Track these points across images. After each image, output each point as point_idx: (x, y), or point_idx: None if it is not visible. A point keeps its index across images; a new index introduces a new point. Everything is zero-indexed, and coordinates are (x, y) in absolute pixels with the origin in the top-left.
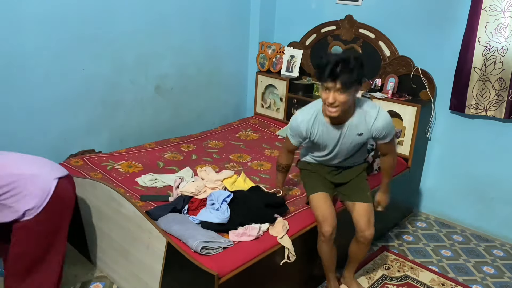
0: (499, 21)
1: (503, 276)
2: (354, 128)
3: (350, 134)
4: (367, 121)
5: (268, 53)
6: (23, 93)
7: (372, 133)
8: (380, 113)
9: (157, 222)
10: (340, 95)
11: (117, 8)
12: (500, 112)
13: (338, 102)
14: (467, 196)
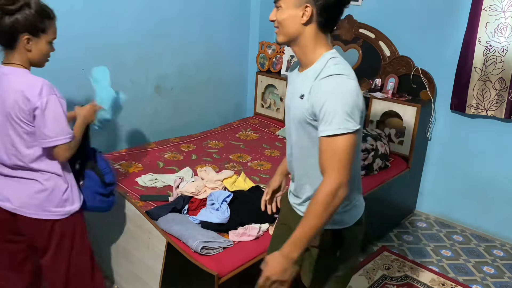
0: (500, 21)
1: (503, 276)
2: (302, 82)
3: (295, 92)
4: (315, 76)
5: (268, 53)
6: None
7: (310, 100)
8: (334, 73)
9: (157, 222)
10: (277, 12)
11: (117, 8)
12: (500, 112)
13: (277, 23)
14: (467, 196)
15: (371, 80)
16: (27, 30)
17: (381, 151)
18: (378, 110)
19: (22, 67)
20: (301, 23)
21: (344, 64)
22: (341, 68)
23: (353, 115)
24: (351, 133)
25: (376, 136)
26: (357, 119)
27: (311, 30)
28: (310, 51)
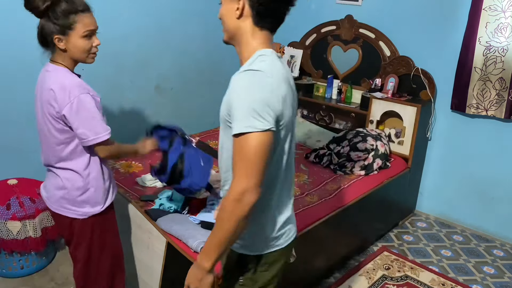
0: (500, 21)
1: (503, 276)
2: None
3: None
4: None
5: None
6: (23, 92)
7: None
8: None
9: (157, 222)
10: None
11: (117, 8)
12: (500, 112)
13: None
14: (468, 196)
15: (371, 80)
16: (54, 31)
17: (381, 151)
18: (378, 110)
19: (62, 65)
20: (236, 17)
21: (271, 63)
22: (263, 65)
23: (263, 113)
24: (259, 132)
25: (376, 136)
26: (268, 118)
27: (246, 25)
28: (245, 49)
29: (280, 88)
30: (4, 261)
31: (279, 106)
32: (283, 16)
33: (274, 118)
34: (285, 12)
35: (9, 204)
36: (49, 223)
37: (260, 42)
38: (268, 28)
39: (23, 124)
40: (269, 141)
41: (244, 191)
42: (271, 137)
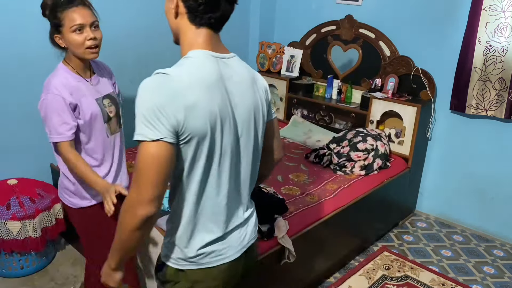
0: (500, 21)
1: (503, 276)
2: None
3: None
4: None
5: (268, 53)
6: (23, 92)
7: None
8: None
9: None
10: None
11: (117, 8)
12: (500, 112)
13: None
14: (468, 196)
15: (371, 80)
16: (52, 30)
17: (381, 151)
18: (378, 110)
19: (66, 64)
20: (174, 16)
21: (190, 66)
22: (176, 68)
23: (154, 121)
24: (150, 142)
25: (376, 136)
26: (160, 127)
27: (183, 24)
28: (183, 49)
29: (188, 95)
30: (4, 261)
31: (180, 115)
32: (221, 10)
33: (169, 127)
34: (219, 5)
35: (9, 204)
36: (49, 223)
37: (197, 42)
38: (207, 25)
39: (23, 124)
40: (163, 153)
41: (134, 204)
42: (166, 148)
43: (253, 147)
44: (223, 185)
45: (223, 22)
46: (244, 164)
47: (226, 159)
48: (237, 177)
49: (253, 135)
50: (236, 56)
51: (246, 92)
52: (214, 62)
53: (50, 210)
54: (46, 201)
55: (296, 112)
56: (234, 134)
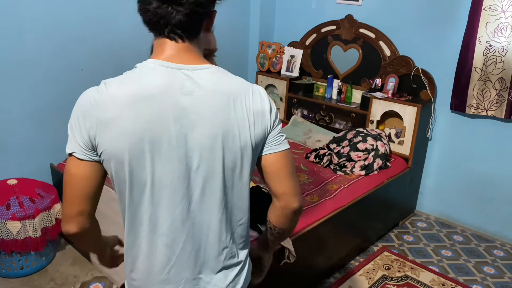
0: (500, 21)
1: (503, 276)
2: None
3: None
4: None
5: (268, 53)
6: (23, 92)
7: None
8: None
9: None
10: None
11: (117, 8)
12: (500, 112)
13: None
14: (468, 196)
15: (371, 80)
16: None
17: (381, 151)
18: (378, 110)
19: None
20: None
21: (124, 77)
22: (110, 79)
23: (70, 134)
24: (68, 155)
25: (376, 136)
26: (72, 141)
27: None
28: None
29: (105, 109)
30: (3, 261)
31: (92, 131)
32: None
33: (80, 142)
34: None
35: (9, 204)
36: (49, 223)
37: (156, 52)
38: (157, 33)
39: (23, 124)
40: (74, 169)
41: (62, 218)
42: (77, 164)
43: (222, 185)
44: (162, 222)
45: (172, 27)
46: (204, 206)
47: (162, 192)
48: (189, 218)
49: (221, 168)
50: (212, 68)
51: (212, 111)
52: (165, 73)
53: (50, 210)
54: (46, 201)
55: (296, 112)
56: (181, 162)
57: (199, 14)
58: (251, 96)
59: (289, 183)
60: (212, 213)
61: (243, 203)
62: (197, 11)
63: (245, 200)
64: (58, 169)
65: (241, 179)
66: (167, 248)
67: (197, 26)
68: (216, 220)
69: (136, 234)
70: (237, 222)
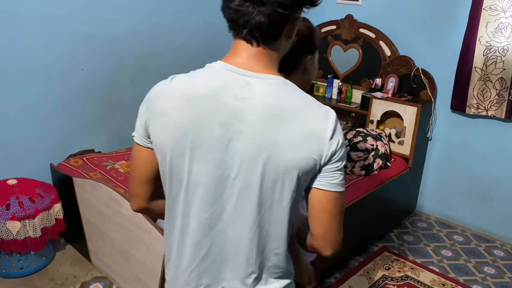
0: (500, 21)
1: (503, 276)
2: None
3: None
4: None
5: None
6: (23, 92)
7: None
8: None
9: (156, 222)
10: None
11: (117, 8)
12: (501, 111)
13: None
14: (468, 196)
15: (371, 80)
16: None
17: (382, 151)
18: (378, 110)
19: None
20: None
21: (190, 75)
22: (182, 74)
23: (137, 120)
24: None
25: (377, 136)
26: (137, 125)
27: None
28: None
29: (161, 101)
30: (3, 261)
31: (148, 119)
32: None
33: (140, 128)
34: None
35: (9, 204)
36: (49, 223)
37: (228, 53)
38: (235, 33)
39: (23, 124)
40: (135, 151)
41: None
42: (137, 148)
43: (257, 202)
44: (191, 221)
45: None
46: (236, 220)
47: (196, 193)
48: (218, 227)
49: (259, 185)
50: (276, 80)
51: (261, 123)
52: (224, 76)
53: (50, 210)
54: (46, 201)
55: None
56: (218, 168)
57: (281, 16)
58: (310, 118)
59: (330, 229)
60: (243, 231)
61: (281, 230)
62: (279, 12)
63: (283, 227)
64: (58, 169)
65: (281, 203)
66: (192, 249)
67: (276, 30)
68: (246, 239)
69: (172, 226)
70: (273, 250)
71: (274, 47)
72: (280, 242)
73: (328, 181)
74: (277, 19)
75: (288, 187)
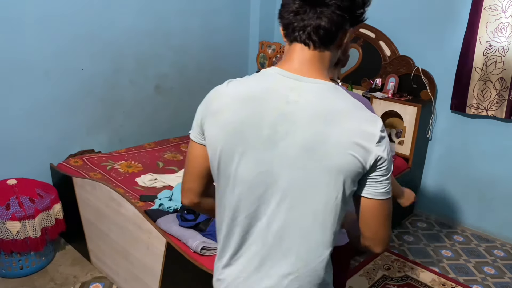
0: (500, 21)
1: (503, 277)
2: None
3: None
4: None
5: (268, 53)
6: (22, 92)
7: None
8: None
9: (156, 222)
10: None
11: (117, 8)
12: (501, 111)
13: None
14: (468, 196)
15: (371, 80)
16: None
17: None
18: (378, 110)
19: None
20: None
21: (244, 80)
22: (238, 78)
23: (195, 118)
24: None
25: None
26: (194, 124)
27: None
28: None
29: (216, 102)
30: (3, 261)
31: (204, 117)
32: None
33: (196, 127)
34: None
35: (9, 204)
36: (49, 223)
37: (282, 59)
38: (292, 38)
39: (23, 124)
40: (190, 147)
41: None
42: (193, 146)
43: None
44: (239, 214)
45: (317, 36)
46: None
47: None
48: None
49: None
50: (324, 85)
51: (308, 125)
52: (276, 80)
53: (49, 210)
54: (46, 201)
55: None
56: (264, 164)
57: (339, 19)
58: (358, 122)
59: (379, 231)
60: (287, 230)
61: (324, 236)
62: (338, 14)
63: (327, 233)
64: (58, 169)
65: (326, 207)
66: (239, 238)
67: (332, 34)
68: (289, 239)
69: (221, 219)
70: (317, 257)
71: (327, 51)
72: (323, 248)
73: (375, 191)
74: (336, 21)
75: (332, 191)
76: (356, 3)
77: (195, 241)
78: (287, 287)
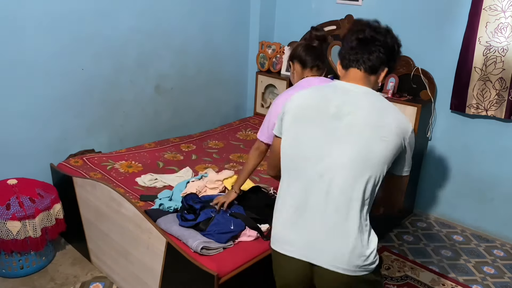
0: (500, 21)
1: (503, 276)
2: None
3: None
4: None
5: (268, 53)
6: (23, 92)
7: None
8: None
9: (156, 222)
10: None
11: (117, 8)
12: (500, 112)
13: None
14: (468, 196)
15: None
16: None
17: None
18: None
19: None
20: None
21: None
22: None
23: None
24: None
25: None
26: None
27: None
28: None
29: (289, 105)
30: (3, 261)
31: (282, 115)
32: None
33: (278, 122)
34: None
35: (9, 204)
36: (49, 223)
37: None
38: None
39: (23, 124)
40: (274, 139)
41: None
42: (275, 138)
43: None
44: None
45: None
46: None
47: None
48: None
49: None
50: (371, 90)
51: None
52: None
53: (50, 210)
54: (46, 201)
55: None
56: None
57: (381, 58)
58: (399, 116)
59: (396, 199)
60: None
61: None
62: (381, 53)
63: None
64: (58, 169)
65: (373, 191)
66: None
67: (376, 67)
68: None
69: (280, 189)
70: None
71: (371, 77)
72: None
73: (402, 169)
74: (378, 57)
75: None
76: (392, 51)
77: (195, 241)
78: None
